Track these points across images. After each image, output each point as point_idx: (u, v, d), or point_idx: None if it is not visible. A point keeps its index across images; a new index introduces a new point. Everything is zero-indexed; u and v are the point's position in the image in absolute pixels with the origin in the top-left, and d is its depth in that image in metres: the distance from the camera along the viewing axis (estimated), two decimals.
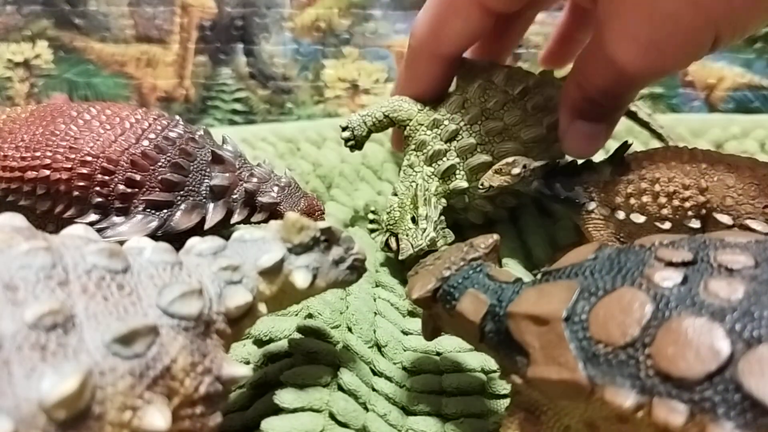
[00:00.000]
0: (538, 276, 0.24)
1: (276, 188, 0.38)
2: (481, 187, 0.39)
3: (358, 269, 0.29)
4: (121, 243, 0.23)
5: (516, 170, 0.38)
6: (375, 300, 0.38)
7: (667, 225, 0.35)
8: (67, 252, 0.20)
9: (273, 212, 0.37)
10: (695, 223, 0.34)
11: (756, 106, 0.76)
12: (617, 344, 0.19)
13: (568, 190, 0.38)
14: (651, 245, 0.21)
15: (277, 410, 0.28)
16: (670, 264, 0.20)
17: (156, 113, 0.38)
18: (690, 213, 0.34)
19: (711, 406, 0.17)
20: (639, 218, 0.35)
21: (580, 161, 0.38)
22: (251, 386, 0.31)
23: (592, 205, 0.38)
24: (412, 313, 0.37)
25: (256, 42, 0.78)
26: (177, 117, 0.39)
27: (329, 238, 0.28)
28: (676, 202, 0.34)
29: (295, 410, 0.28)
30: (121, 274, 0.20)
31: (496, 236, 0.27)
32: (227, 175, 0.37)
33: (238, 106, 0.79)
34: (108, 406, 0.18)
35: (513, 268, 0.41)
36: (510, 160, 0.39)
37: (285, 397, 0.28)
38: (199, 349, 0.21)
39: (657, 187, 0.35)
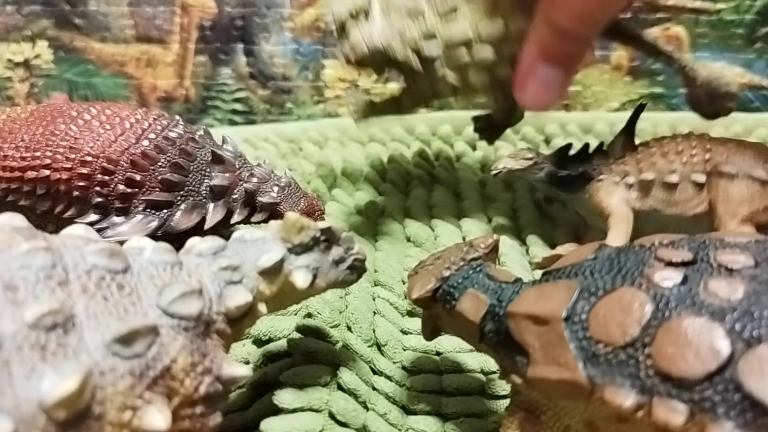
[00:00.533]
0: (532, 266, 0.24)
1: (276, 188, 0.38)
2: (494, 169, 0.42)
3: (358, 269, 0.29)
4: (121, 243, 0.23)
5: (529, 155, 0.42)
6: (374, 299, 0.38)
7: (674, 178, 0.38)
8: (67, 252, 0.20)
9: (273, 212, 0.37)
10: (701, 178, 0.37)
11: (756, 106, 0.76)
12: (617, 344, 0.19)
13: (580, 166, 0.41)
14: (651, 245, 0.21)
15: (277, 410, 0.28)
16: (669, 264, 0.20)
17: (156, 113, 0.38)
18: (696, 167, 0.37)
19: (711, 405, 0.17)
20: (649, 175, 0.38)
21: (591, 148, 0.42)
22: (251, 386, 0.31)
23: (603, 175, 0.40)
24: (411, 313, 0.37)
25: (256, 42, 0.78)
26: (177, 117, 0.39)
27: (329, 238, 0.28)
28: (684, 158, 0.38)
29: (294, 410, 0.28)
30: (121, 274, 0.20)
31: (496, 236, 0.28)
32: (227, 175, 0.37)
33: (238, 106, 0.79)
34: (108, 406, 0.18)
35: (511, 268, 0.41)
36: (524, 147, 0.43)
37: (284, 397, 0.28)
38: (199, 349, 0.21)
39: (666, 148, 0.38)
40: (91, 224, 0.34)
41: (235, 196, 0.37)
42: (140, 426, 0.18)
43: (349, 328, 0.34)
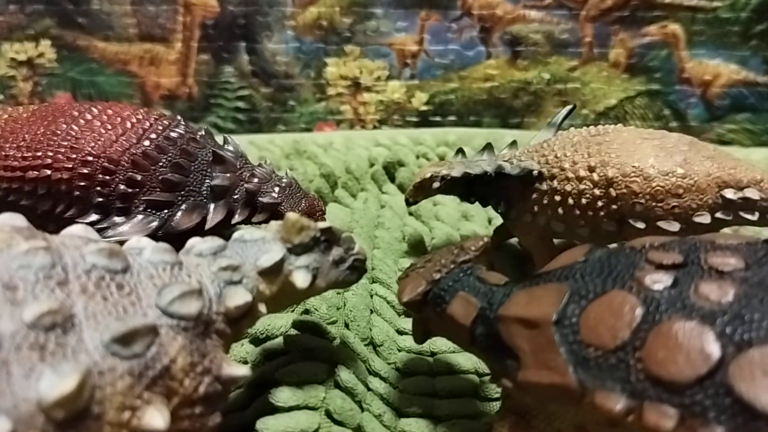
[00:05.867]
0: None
1: (277, 188, 0.38)
2: (409, 199, 0.41)
3: (358, 269, 0.29)
4: (121, 243, 0.23)
5: (436, 184, 0.39)
6: (372, 297, 0.38)
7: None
8: (67, 252, 0.20)
9: (274, 212, 0.37)
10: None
11: (751, 102, 0.76)
12: (607, 348, 0.19)
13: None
14: (641, 247, 0.21)
15: (276, 409, 0.28)
16: (660, 266, 0.20)
17: (157, 113, 0.38)
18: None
19: (701, 410, 0.17)
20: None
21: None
22: (249, 385, 0.31)
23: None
24: (408, 313, 0.37)
25: (258, 40, 0.78)
26: (178, 117, 0.39)
27: (329, 238, 0.28)
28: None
29: (290, 409, 0.28)
30: (121, 274, 0.20)
31: (486, 239, 0.27)
32: (228, 175, 0.37)
33: (241, 104, 0.79)
34: (107, 406, 0.18)
35: (507, 271, 0.41)
36: (427, 175, 0.39)
37: (281, 395, 0.28)
38: (198, 349, 0.21)
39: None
40: (92, 224, 0.34)
41: (236, 197, 0.37)
42: (139, 426, 0.18)
43: (347, 326, 0.34)
